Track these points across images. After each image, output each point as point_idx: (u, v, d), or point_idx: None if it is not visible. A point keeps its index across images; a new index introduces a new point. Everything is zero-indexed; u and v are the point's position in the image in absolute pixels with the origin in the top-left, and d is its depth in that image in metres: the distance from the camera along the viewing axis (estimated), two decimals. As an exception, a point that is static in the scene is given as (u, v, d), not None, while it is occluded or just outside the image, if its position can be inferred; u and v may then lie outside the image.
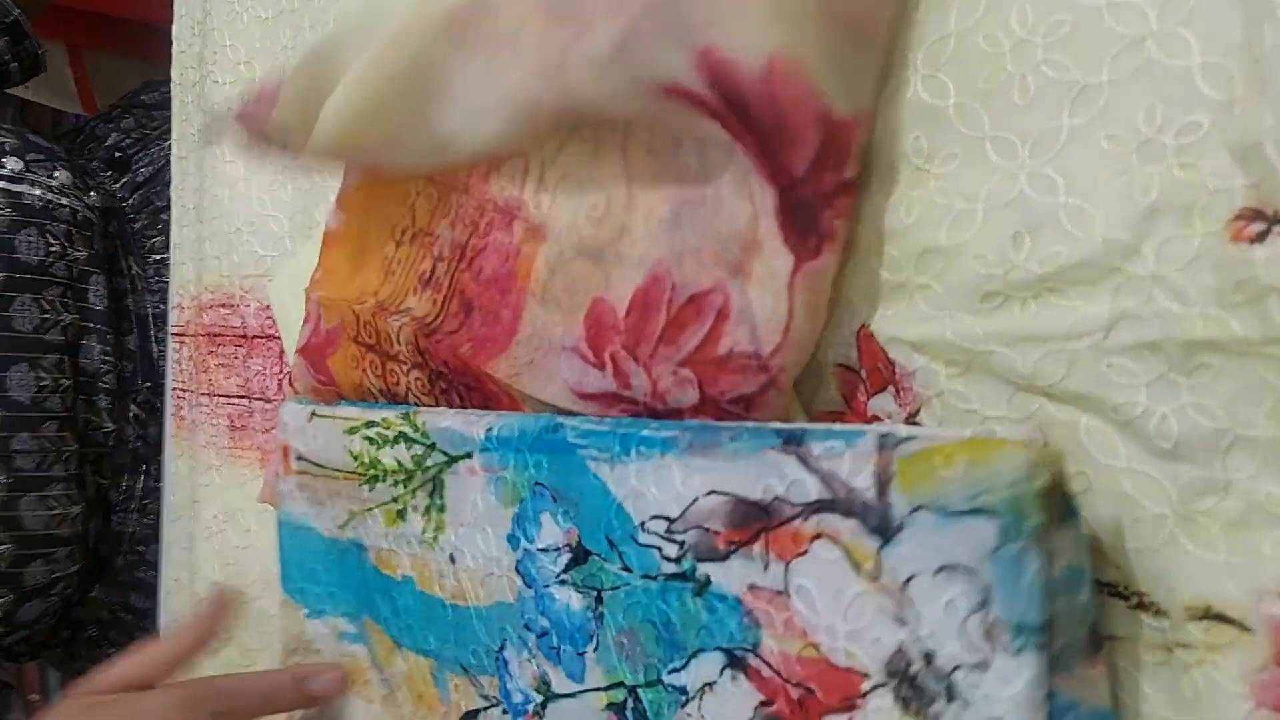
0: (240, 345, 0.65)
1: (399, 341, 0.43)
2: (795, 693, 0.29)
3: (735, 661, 0.30)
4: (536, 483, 0.36)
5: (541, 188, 0.39)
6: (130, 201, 0.85)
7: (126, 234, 0.84)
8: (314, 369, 0.48)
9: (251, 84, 0.62)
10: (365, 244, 0.47)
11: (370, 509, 0.43)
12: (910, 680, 0.27)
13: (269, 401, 0.62)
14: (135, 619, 0.82)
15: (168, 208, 0.77)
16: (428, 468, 0.40)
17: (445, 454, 0.39)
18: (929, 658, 0.26)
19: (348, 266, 0.48)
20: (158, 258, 0.82)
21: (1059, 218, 0.27)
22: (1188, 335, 0.26)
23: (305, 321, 0.48)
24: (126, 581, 0.82)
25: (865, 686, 0.27)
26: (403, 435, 0.41)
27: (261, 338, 0.63)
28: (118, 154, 0.87)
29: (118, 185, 0.86)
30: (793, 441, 0.28)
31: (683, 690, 0.32)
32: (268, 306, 0.62)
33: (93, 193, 0.81)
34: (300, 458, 0.47)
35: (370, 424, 0.42)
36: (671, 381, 0.34)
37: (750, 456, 0.29)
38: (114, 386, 0.80)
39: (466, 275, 0.42)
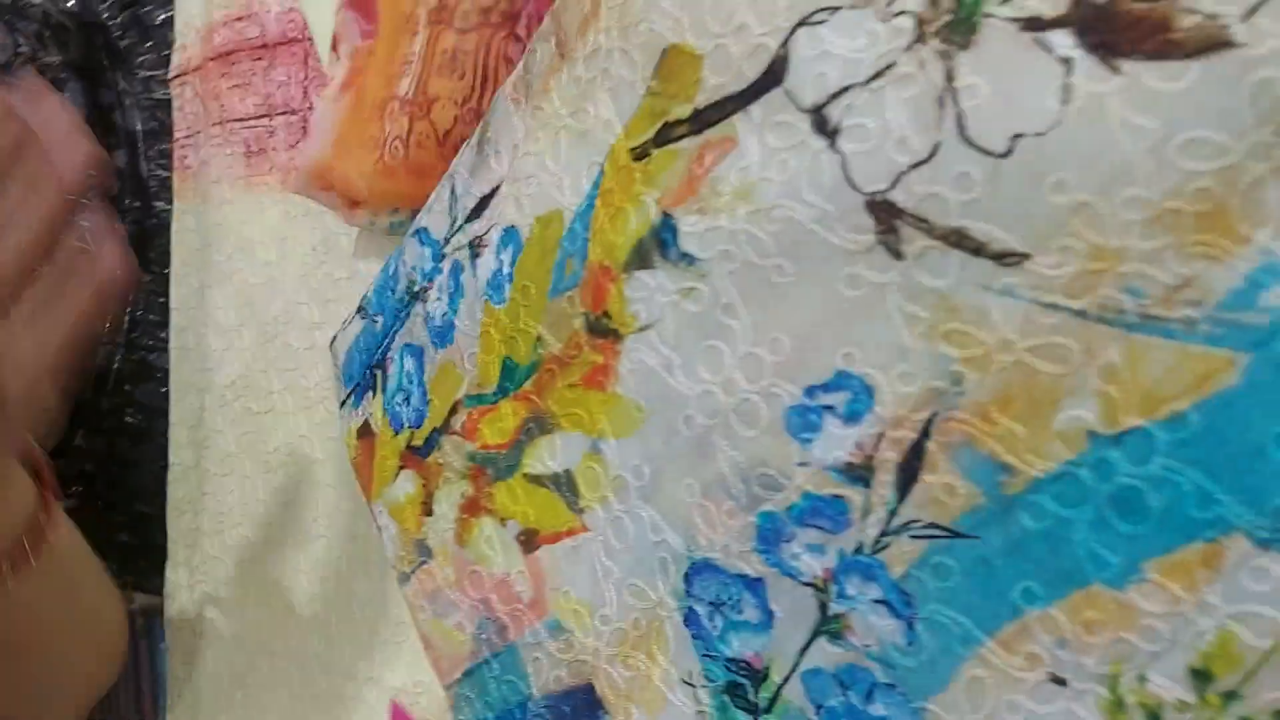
0: (260, 58, 0.58)
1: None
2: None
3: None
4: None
5: None
6: (119, 20, 0.74)
7: (113, 48, 0.74)
8: (362, 16, 0.42)
9: None
10: None
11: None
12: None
13: (294, 113, 0.56)
14: (121, 472, 0.74)
15: (158, 26, 0.70)
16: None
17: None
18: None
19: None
20: (147, 74, 0.74)
21: None
22: None
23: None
24: (112, 427, 0.73)
25: None
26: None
27: (284, 43, 0.56)
28: None
29: (104, 4, 0.75)
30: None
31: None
32: (291, 9, 0.56)
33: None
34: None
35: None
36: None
37: None
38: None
39: None
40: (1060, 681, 0.27)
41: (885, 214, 0.28)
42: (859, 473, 0.30)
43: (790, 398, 0.31)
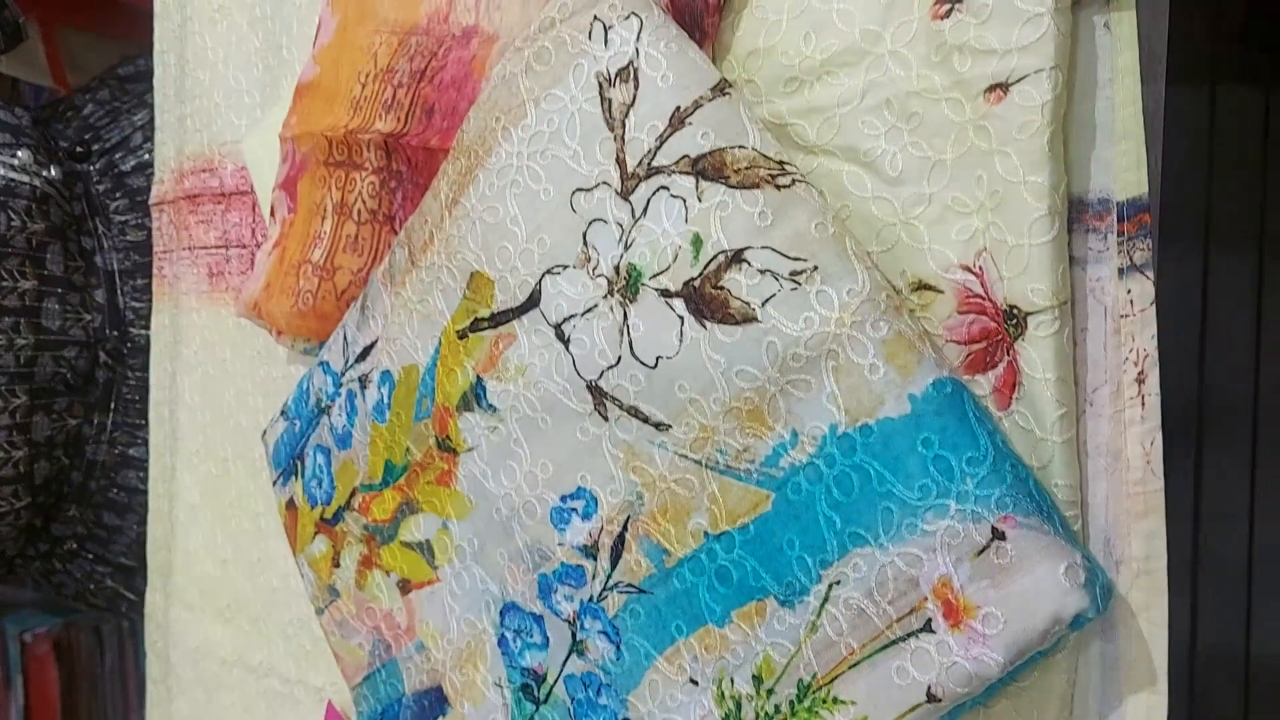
0: (219, 203, 0.75)
1: (369, 149, 0.54)
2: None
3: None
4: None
5: (493, 5, 0.50)
6: (96, 166, 0.89)
7: (92, 196, 0.88)
8: (289, 197, 0.59)
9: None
10: (336, 89, 0.57)
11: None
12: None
13: (244, 247, 0.73)
14: (108, 535, 0.91)
15: (131, 172, 0.85)
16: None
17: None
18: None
19: (320, 108, 0.58)
20: (121, 219, 0.88)
21: (833, 19, 0.41)
22: (908, 90, 0.39)
23: (281, 162, 0.59)
24: (100, 502, 0.90)
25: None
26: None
27: (237, 194, 0.73)
28: (79, 147, 0.90)
29: (83, 156, 0.90)
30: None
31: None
32: (243, 167, 0.73)
33: (54, 167, 0.86)
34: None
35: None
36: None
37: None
38: (83, 337, 0.85)
39: (428, 89, 0.53)
40: (695, 682, 0.44)
41: (597, 394, 0.45)
42: (590, 551, 0.47)
43: (553, 501, 0.48)
